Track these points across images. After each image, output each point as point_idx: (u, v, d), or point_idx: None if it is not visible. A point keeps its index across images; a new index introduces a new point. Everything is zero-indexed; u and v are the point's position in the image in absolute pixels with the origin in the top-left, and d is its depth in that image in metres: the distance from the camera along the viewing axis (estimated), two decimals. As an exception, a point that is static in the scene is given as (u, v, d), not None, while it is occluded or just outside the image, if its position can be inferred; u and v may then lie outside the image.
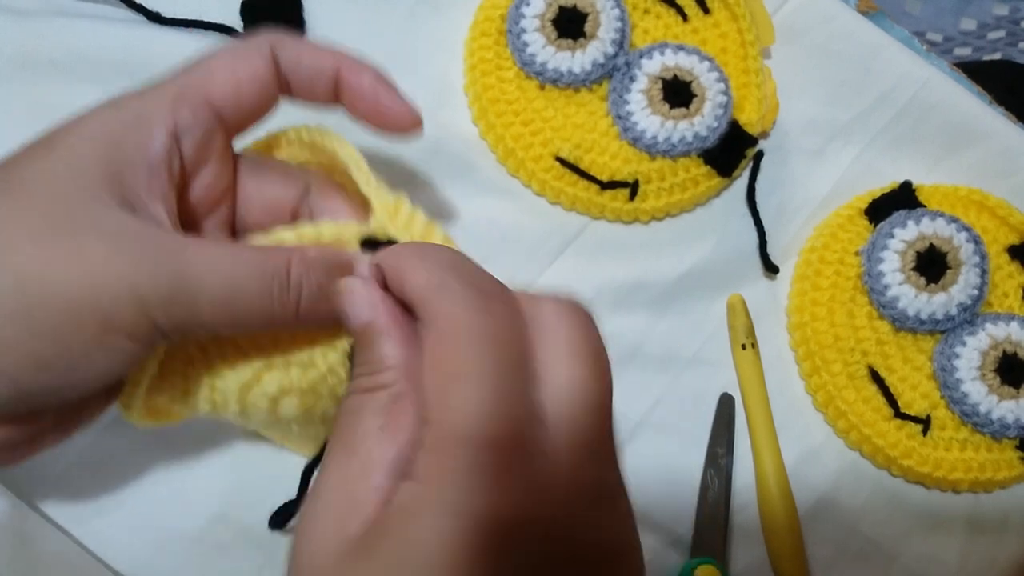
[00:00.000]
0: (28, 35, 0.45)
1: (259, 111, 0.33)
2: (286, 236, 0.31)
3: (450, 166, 0.46)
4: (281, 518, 0.39)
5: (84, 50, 0.45)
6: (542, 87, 0.46)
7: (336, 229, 0.31)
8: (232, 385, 0.32)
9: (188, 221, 0.32)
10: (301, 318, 0.30)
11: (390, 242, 0.31)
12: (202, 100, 0.31)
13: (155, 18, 0.46)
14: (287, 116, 0.35)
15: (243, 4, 0.47)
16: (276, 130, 0.36)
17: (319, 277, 0.29)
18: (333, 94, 0.34)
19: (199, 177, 0.32)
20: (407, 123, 0.34)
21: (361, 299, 0.27)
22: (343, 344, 0.32)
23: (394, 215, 0.31)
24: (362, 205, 0.34)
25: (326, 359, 0.32)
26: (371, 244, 0.31)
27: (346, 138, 0.34)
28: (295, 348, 0.32)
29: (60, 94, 0.44)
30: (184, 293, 0.27)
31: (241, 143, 0.35)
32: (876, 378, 0.45)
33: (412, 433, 0.25)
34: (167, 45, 0.45)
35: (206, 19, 0.46)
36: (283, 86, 0.33)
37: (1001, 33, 1.23)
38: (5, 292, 0.26)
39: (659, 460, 0.44)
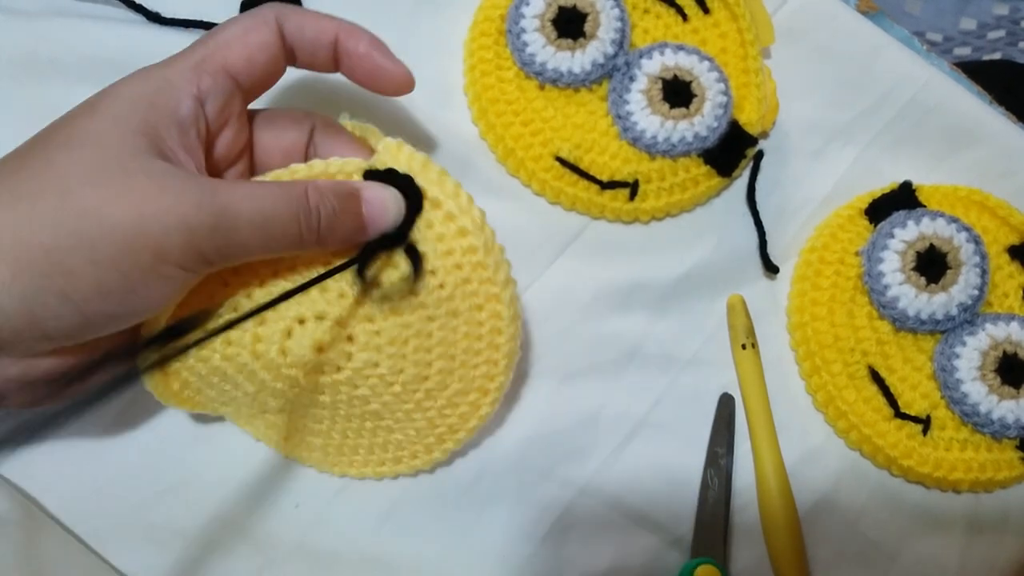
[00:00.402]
0: (28, 35, 0.45)
1: (270, 78, 0.37)
2: (300, 169, 0.35)
3: (450, 166, 0.46)
4: None
5: (84, 50, 0.45)
6: (542, 87, 0.46)
7: (341, 163, 0.36)
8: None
9: (212, 174, 0.36)
10: (321, 240, 0.34)
11: (389, 172, 0.35)
12: (220, 68, 0.35)
13: (155, 18, 0.46)
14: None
15: (243, 4, 0.47)
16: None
17: (332, 202, 0.33)
18: (333, 61, 0.38)
19: (222, 136, 0.36)
20: (400, 82, 0.38)
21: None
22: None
23: (396, 153, 0.35)
24: (363, 146, 0.38)
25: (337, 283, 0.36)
26: (372, 175, 0.35)
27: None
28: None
29: (60, 94, 0.43)
30: (226, 219, 0.31)
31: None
32: (876, 378, 0.45)
33: None
34: (167, 45, 0.45)
35: (206, 19, 0.46)
36: (288, 55, 0.37)
37: (1001, 33, 1.23)
38: (69, 228, 0.30)
39: (659, 460, 0.44)
